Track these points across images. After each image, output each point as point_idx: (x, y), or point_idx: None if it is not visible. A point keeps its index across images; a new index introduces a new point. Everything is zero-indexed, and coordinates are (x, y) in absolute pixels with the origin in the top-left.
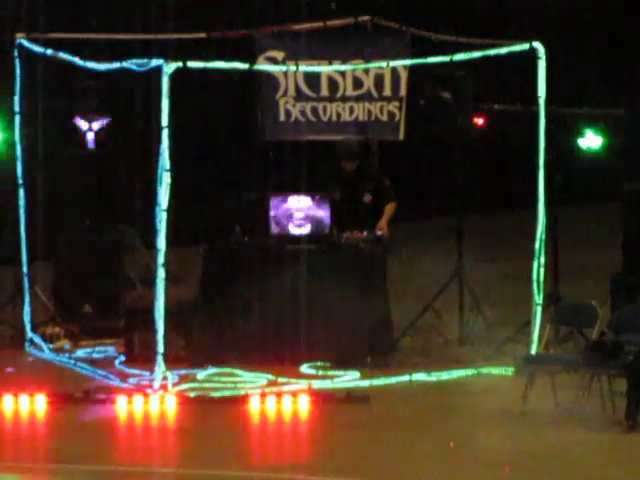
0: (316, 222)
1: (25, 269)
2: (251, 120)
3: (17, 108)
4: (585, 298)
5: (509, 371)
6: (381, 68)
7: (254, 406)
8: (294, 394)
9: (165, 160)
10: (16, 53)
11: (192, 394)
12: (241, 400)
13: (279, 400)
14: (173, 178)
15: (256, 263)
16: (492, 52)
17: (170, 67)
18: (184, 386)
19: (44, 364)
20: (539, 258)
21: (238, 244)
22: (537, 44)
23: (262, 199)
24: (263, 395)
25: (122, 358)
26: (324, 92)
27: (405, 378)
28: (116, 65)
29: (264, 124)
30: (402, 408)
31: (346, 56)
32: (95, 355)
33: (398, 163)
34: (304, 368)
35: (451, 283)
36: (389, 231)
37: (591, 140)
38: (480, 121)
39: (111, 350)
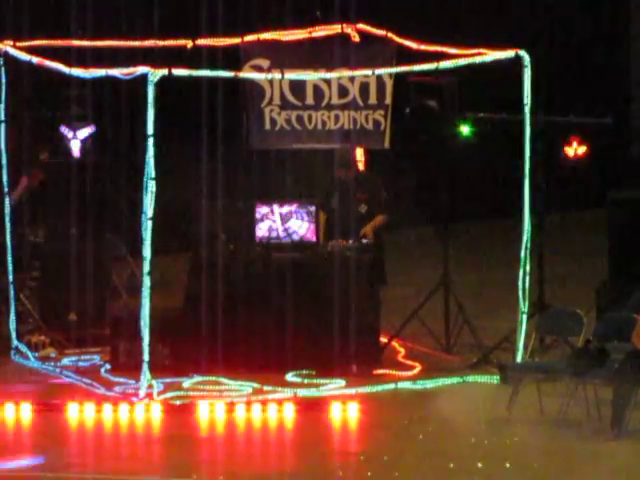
0: (302, 230)
1: (11, 278)
2: (238, 128)
3: (2, 116)
4: (570, 306)
5: (494, 379)
6: (366, 76)
7: (240, 414)
8: (279, 402)
9: (151, 168)
10: (1, 61)
11: (177, 402)
12: (227, 408)
13: (264, 408)
14: (159, 186)
15: (242, 271)
16: (478, 60)
17: (155, 75)
18: (169, 394)
19: (30, 372)
20: (524, 266)
21: (224, 252)
22: (522, 52)
23: (248, 207)
24: (248, 403)
25: (108, 366)
26: (309, 100)
27: (391, 386)
28: (102, 73)
29: (250, 132)
30: (388, 416)
31: (331, 64)
32: (81, 363)
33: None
34: (289, 376)
35: (437, 291)
36: (373, 235)
37: (577, 149)
38: (466, 129)
39: (97, 358)
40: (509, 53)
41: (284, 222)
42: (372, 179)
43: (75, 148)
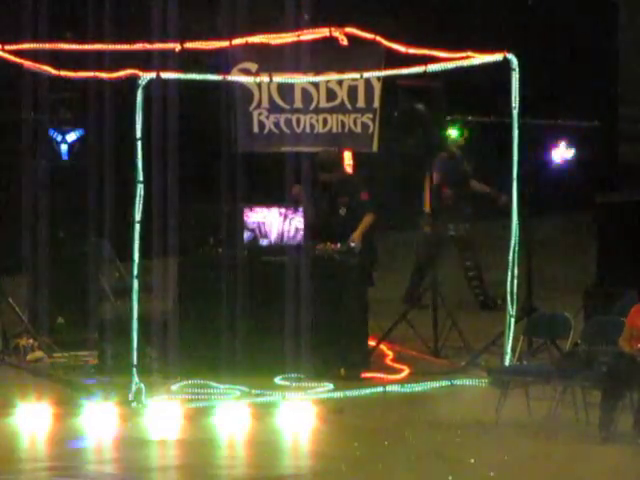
0: (290, 234)
1: None
2: (225, 131)
3: None
4: (558, 309)
5: (483, 382)
6: (355, 80)
7: (228, 418)
8: (268, 406)
9: (139, 172)
10: None
11: (165, 406)
12: (215, 412)
13: (253, 412)
14: (147, 190)
15: (230, 275)
16: (466, 63)
17: (144, 79)
18: (157, 398)
19: (18, 376)
20: (512, 269)
21: (212, 256)
22: (510, 56)
23: (236, 211)
24: (237, 407)
25: (96, 370)
26: (298, 104)
27: (379, 389)
28: (90, 76)
29: (238, 136)
30: (376, 420)
31: (320, 68)
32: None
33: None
34: (278, 380)
35: (425, 294)
36: (362, 238)
37: (564, 152)
38: (454, 132)
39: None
40: (497, 56)
41: (272, 225)
42: (351, 181)
43: (64, 151)
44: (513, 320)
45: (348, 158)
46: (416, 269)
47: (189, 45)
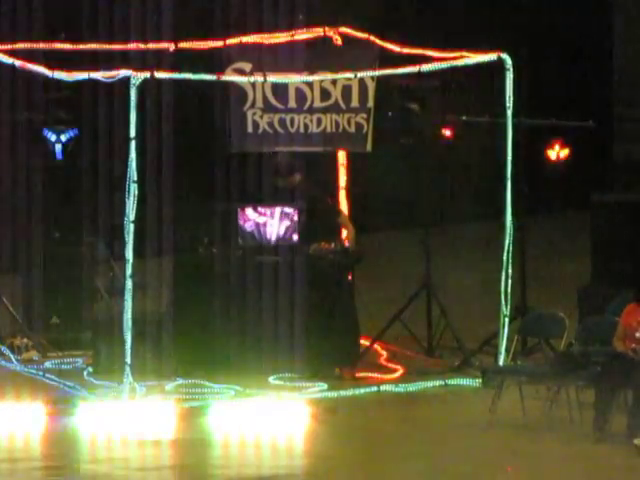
0: (284, 233)
1: None
2: (219, 131)
3: None
4: (552, 309)
5: (477, 382)
6: (349, 79)
7: (222, 418)
8: (262, 405)
9: (133, 171)
10: None
11: (160, 405)
12: (209, 412)
13: (247, 411)
14: (141, 189)
15: (224, 274)
16: (460, 63)
17: (138, 78)
18: (152, 397)
19: (12, 375)
20: (507, 269)
21: (206, 255)
22: (505, 55)
23: (230, 210)
24: (231, 406)
25: (90, 369)
26: (292, 104)
27: (373, 389)
28: (84, 76)
29: (232, 136)
30: (370, 419)
31: (314, 67)
32: (63, 366)
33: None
34: (272, 379)
35: (419, 294)
36: (356, 241)
37: (559, 151)
38: (448, 132)
39: (79, 361)
40: (491, 56)
41: (266, 225)
42: (310, 185)
43: (58, 151)
44: (507, 320)
45: (343, 158)
46: None
47: (183, 45)
